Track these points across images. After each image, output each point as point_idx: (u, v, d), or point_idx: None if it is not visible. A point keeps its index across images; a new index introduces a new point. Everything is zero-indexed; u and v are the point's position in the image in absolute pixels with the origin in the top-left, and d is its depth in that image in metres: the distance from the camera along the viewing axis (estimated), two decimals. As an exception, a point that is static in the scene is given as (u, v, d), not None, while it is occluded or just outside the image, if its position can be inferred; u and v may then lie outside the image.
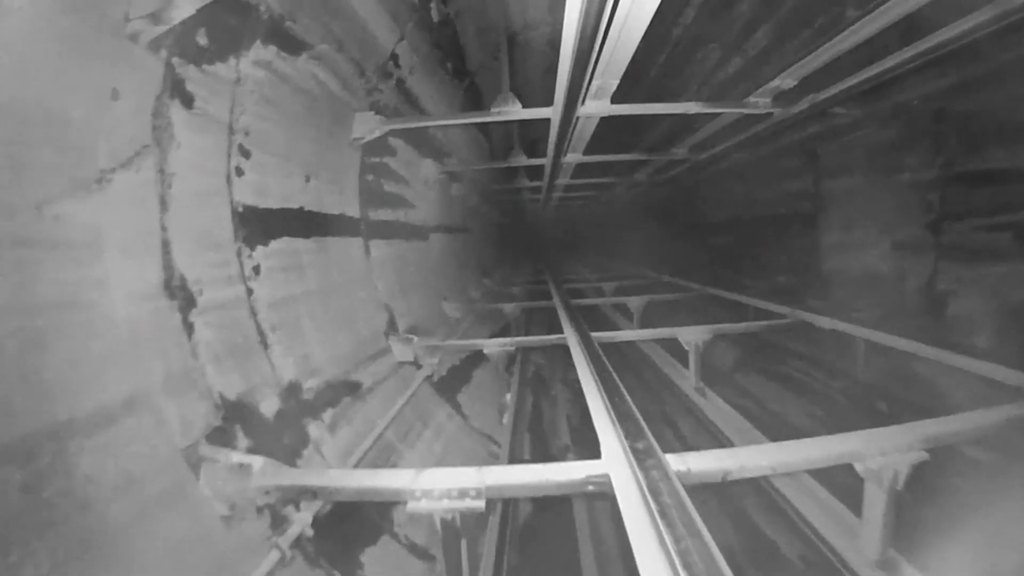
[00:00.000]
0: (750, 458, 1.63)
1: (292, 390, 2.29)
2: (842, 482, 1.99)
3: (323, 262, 2.93)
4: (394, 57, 3.66)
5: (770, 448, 1.72)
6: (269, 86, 2.46)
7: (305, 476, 1.67)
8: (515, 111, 3.14)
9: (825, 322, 3.91)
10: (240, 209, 2.25)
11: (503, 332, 5.85)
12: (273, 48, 2.45)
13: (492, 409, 4.13)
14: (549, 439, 4.33)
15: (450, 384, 3.98)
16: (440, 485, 1.47)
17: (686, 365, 3.76)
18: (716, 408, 3.49)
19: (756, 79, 3.79)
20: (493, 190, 8.09)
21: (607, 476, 1.44)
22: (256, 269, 2.30)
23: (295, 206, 2.72)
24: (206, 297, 1.98)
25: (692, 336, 3.53)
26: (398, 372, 3.35)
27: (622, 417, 1.88)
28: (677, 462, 1.53)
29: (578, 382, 2.35)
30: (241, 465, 1.64)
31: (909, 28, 2.89)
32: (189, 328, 1.89)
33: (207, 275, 2.01)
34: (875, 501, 1.73)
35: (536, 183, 6.67)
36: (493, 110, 3.14)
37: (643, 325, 5.47)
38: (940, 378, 3.77)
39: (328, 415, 2.44)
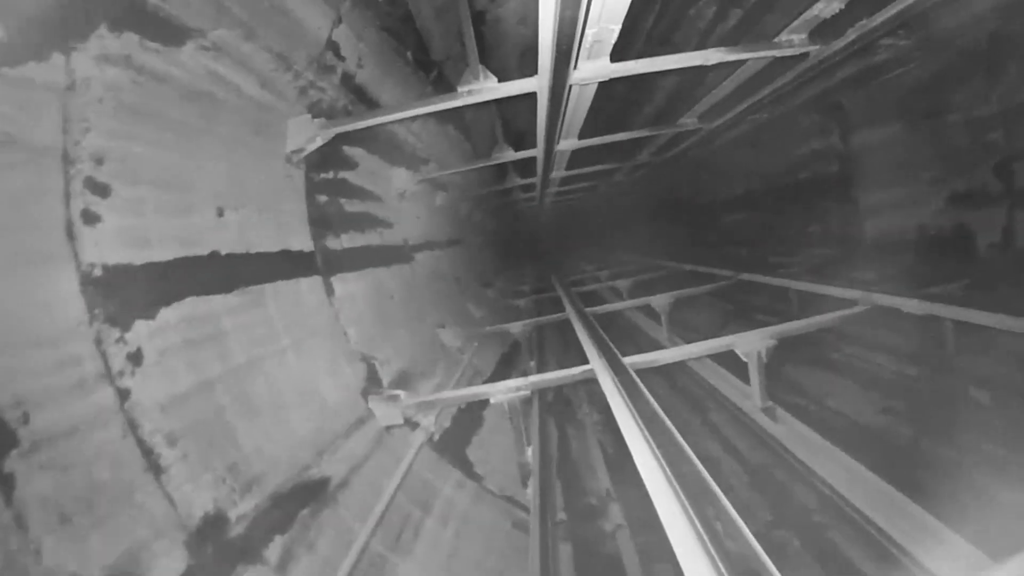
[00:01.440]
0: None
1: (209, 529, 1.54)
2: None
3: (258, 320, 2.19)
4: (333, 46, 2.92)
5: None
6: (133, 90, 1.72)
7: None
8: (489, 88, 2.39)
9: (913, 305, 3.10)
10: (97, 273, 1.51)
11: (512, 354, 5.08)
12: (132, 37, 1.71)
13: (511, 456, 3.38)
14: (585, 483, 3.56)
15: (456, 437, 3.23)
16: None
17: (743, 378, 3.00)
18: (797, 436, 2.72)
19: (787, 10, 3.03)
20: (484, 194, 7.33)
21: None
22: (135, 357, 1.56)
23: (203, 251, 1.98)
24: (35, 426, 1.24)
25: (751, 345, 2.75)
26: (385, 443, 2.60)
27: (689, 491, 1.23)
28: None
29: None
30: None
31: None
32: (6, 483, 1.15)
33: (35, 389, 1.27)
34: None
35: (529, 180, 5.91)
36: (462, 90, 2.39)
37: (676, 330, 4.70)
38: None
39: (275, 548, 1.69)
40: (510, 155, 4.10)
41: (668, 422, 1.81)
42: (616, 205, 11.01)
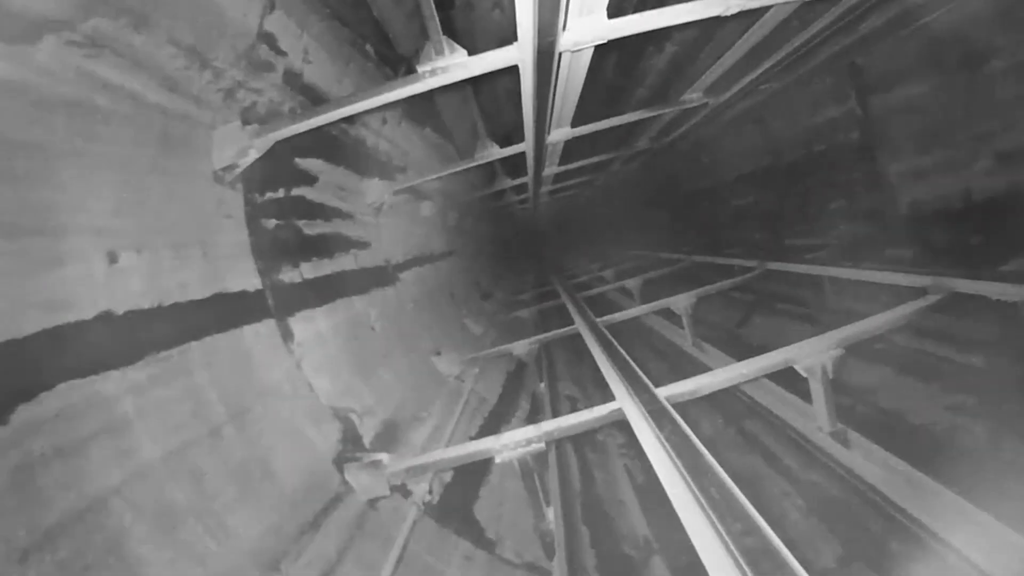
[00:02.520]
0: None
1: None
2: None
3: (179, 395, 1.66)
4: (267, 37, 2.40)
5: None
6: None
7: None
8: (457, 62, 1.86)
9: (1002, 291, 2.54)
10: None
11: (520, 374, 4.55)
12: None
13: (526, 511, 2.84)
14: (617, 531, 3.01)
15: (461, 493, 2.69)
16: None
17: (804, 399, 2.46)
18: (875, 463, 2.17)
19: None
20: (474, 200, 6.81)
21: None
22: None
23: (86, 314, 1.45)
24: None
25: (813, 357, 2.20)
26: (368, 524, 2.06)
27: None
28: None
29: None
30: None
31: None
32: None
33: None
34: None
35: (520, 180, 5.39)
36: (423, 69, 1.86)
37: (709, 335, 4.15)
38: None
39: None
40: (496, 152, 3.57)
41: (724, 475, 1.32)
42: (616, 198, 10.46)
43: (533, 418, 4.15)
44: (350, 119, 3.30)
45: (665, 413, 1.94)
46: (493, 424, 3.63)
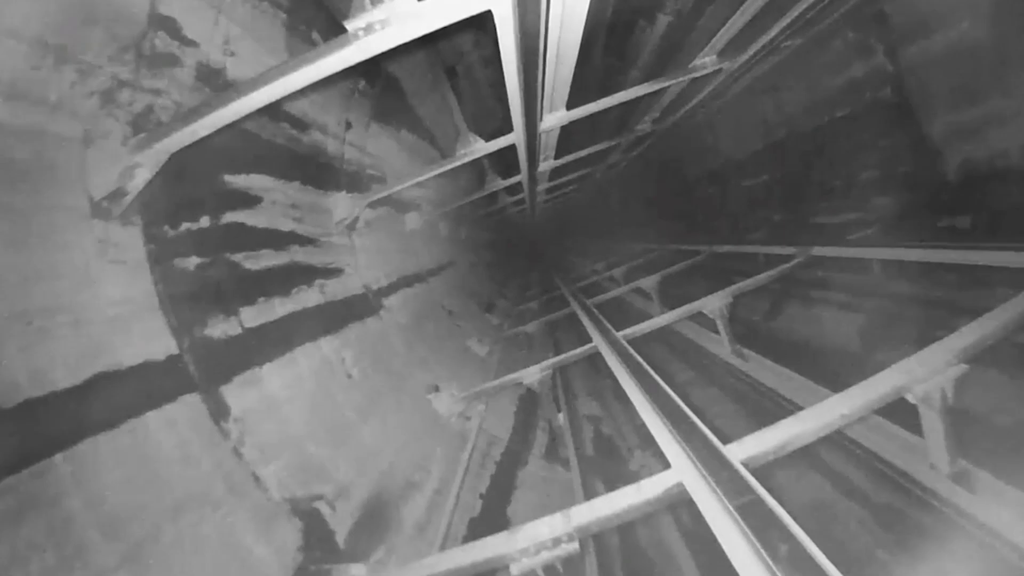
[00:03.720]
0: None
1: None
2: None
3: (44, 533, 1.08)
4: (164, 22, 1.83)
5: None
6: None
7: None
8: (404, 10, 1.27)
9: None
10: None
11: (531, 401, 3.96)
12: None
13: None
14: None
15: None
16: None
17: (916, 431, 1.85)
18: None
19: None
20: (466, 207, 6.23)
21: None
22: None
23: None
24: None
25: (931, 382, 1.60)
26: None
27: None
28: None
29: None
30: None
31: None
32: None
33: None
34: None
35: (514, 179, 4.80)
36: (355, 27, 1.28)
37: (738, 333, 3.54)
38: None
39: None
40: (480, 147, 2.98)
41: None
42: (620, 190, 9.84)
43: (552, 454, 3.56)
44: (301, 124, 2.74)
45: (745, 485, 1.35)
46: (507, 472, 3.04)
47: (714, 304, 3.25)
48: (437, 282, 5.14)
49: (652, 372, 2.12)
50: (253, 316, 2.09)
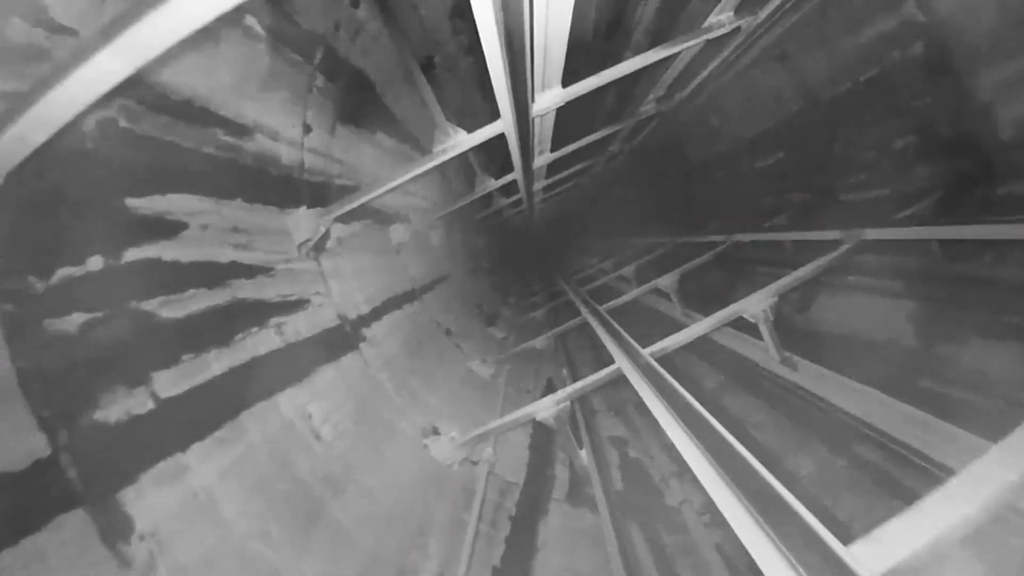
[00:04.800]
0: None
1: None
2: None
3: None
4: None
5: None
6: None
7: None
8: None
9: None
10: None
11: (546, 434, 3.42)
12: None
13: None
14: None
15: None
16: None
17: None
18: None
19: None
20: (463, 212, 5.71)
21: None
22: None
23: None
24: None
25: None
26: None
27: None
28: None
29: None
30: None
31: None
32: None
33: None
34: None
35: (508, 178, 4.28)
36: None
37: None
38: None
39: None
40: (463, 140, 2.48)
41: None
42: (626, 182, 9.29)
43: (576, 495, 3.03)
44: (241, 130, 2.23)
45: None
46: (526, 529, 2.52)
47: (756, 306, 2.72)
48: (431, 298, 4.62)
49: (710, 418, 1.59)
50: (173, 382, 1.57)
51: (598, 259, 8.94)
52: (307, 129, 2.79)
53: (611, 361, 2.76)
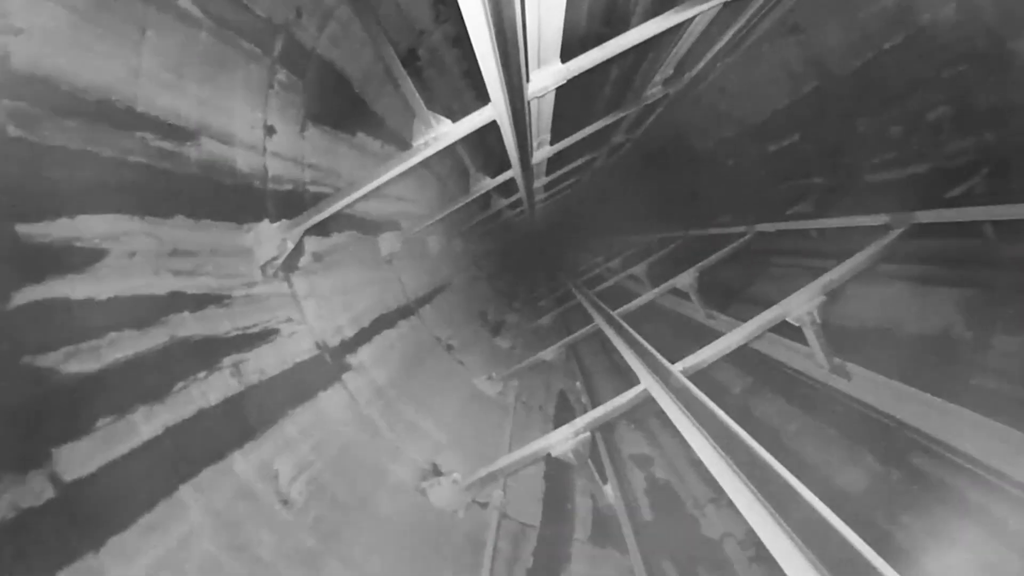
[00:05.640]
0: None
1: None
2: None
3: None
4: None
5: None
6: None
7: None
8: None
9: None
10: None
11: (561, 470, 3.04)
12: None
13: None
14: None
15: None
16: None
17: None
18: None
19: None
20: (460, 216, 5.34)
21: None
22: None
23: None
24: None
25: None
26: None
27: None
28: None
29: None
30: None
31: None
32: None
33: None
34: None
35: (506, 175, 3.91)
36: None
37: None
38: None
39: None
40: (448, 130, 2.12)
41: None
42: (629, 174, 8.87)
43: (601, 533, 2.64)
44: (181, 133, 1.87)
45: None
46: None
47: (799, 308, 2.33)
48: (429, 311, 4.25)
49: (762, 451, 1.22)
50: (83, 459, 1.21)
51: (605, 257, 8.54)
52: (270, 131, 2.42)
53: (629, 367, 2.38)
